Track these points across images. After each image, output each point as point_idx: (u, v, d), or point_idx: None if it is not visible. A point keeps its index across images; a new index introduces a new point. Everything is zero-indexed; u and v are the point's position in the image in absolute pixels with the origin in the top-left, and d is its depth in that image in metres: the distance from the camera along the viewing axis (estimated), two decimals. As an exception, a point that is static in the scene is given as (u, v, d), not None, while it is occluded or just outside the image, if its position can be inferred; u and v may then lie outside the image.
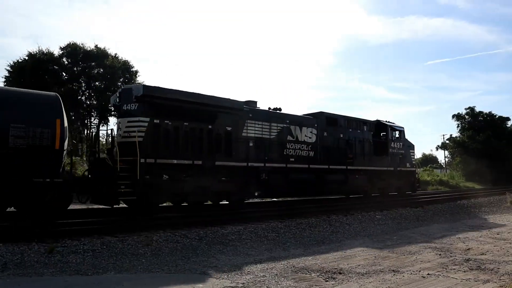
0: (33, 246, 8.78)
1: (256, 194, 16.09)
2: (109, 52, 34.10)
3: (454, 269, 8.17)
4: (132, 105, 12.91)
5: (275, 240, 11.57)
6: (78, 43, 33.70)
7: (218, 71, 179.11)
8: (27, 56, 31.69)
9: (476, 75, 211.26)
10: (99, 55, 33.40)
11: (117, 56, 34.66)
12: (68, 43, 33.63)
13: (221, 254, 9.53)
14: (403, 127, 23.46)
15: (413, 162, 24.53)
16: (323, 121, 18.86)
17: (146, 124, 12.83)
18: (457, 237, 12.41)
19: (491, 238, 12.29)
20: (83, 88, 33.61)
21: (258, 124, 16.09)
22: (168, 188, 13.21)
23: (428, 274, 7.70)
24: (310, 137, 18.01)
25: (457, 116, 61.47)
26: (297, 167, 17.17)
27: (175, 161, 13.30)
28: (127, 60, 34.63)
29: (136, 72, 34.90)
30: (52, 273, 7.34)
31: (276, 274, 7.63)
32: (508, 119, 61.88)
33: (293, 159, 17.12)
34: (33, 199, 11.54)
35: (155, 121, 13.00)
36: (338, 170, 18.83)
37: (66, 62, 33.23)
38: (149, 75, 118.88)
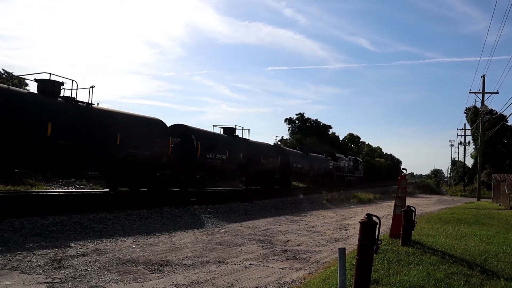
0: None
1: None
2: None
3: (274, 259, 8.85)
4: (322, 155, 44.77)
5: (102, 232, 11.03)
6: None
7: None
8: None
9: (308, 85, 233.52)
10: None
11: None
12: None
13: (39, 247, 8.70)
14: (361, 160, 61.91)
15: (362, 172, 58.73)
16: (348, 158, 51.07)
17: (331, 163, 44.35)
18: (279, 230, 13.47)
19: (307, 231, 13.66)
20: None
21: (340, 160, 47.85)
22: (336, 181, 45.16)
23: (250, 264, 8.19)
24: (345, 164, 49.58)
25: (289, 120, 66.97)
26: (345, 174, 49.19)
27: (337, 173, 45.89)
28: None
29: None
30: None
31: (100, 268, 7.26)
32: (330, 127, 70.01)
33: (344, 171, 48.57)
34: None
35: (333, 161, 45.09)
36: (352, 175, 52.48)
37: None
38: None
